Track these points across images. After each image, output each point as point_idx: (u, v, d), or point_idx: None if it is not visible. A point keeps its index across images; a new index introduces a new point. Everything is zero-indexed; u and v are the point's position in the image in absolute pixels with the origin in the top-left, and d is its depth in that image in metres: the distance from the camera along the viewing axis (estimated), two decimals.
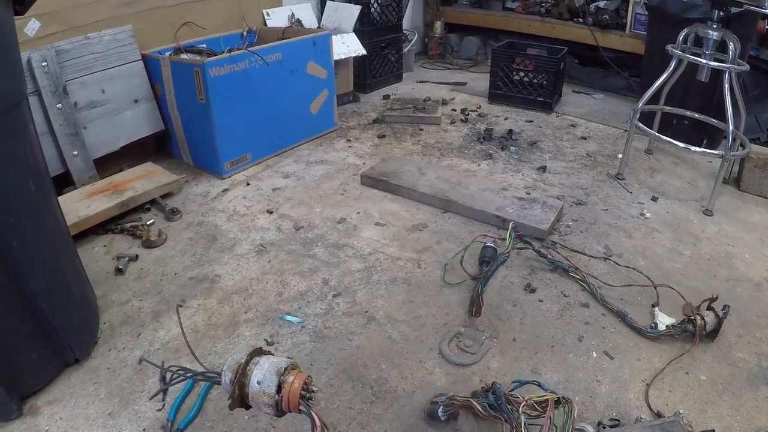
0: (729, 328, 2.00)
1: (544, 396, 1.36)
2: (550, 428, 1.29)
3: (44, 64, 2.74)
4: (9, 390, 1.67)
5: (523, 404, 1.35)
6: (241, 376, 1.00)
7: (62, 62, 2.84)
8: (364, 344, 1.99)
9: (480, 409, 1.47)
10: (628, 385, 1.79)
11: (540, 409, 1.35)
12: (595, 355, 1.92)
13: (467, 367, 1.87)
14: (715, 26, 2.71)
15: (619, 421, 1.64)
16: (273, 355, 1.13)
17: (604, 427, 1.58)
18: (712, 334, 1.94)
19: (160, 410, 1.73)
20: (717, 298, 2.02)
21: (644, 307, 2.15)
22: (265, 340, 2.01)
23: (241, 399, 1.05)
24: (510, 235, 2.16)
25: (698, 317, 1.92)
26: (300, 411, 0.94)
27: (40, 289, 1.68)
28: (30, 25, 2.75)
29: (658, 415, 1.67)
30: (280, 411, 0.98)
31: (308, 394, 0.99)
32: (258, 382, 0.94)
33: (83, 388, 1.83)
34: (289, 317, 2.12)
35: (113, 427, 1.68)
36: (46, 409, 1.75)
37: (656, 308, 2.10)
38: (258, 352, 1.11)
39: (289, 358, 1.13)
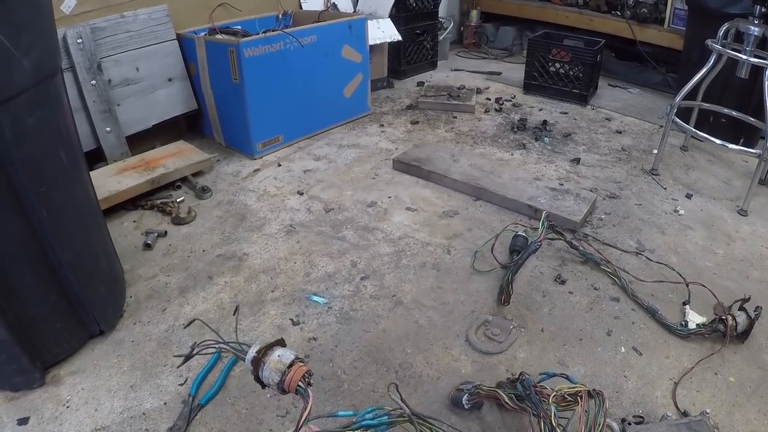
0: (760, 331, 1.96)
1: (575, 388, 1.34)
2: (587, 422, 1.27)
3: (79, 41, 2.76)
4: (32, 359, 1.69)
5: (552, 395, 1.33)
6: (267, 348, 1.09)
7: (97, 40, 2.86)
8: (390, 328, 1.99)
9: (507, 400, 1.45)
10: (655, 383, 1.77)
11: (570, 399, 1.33)
12: (623, 350, 1.89)
13: (493, 355, 1.86)
14: (756, 22, 2.65)
15: (643, 418, 1.61)
16: None
17: (629, 424, 1.56)
18: (743, 336, 1.90)
19: (182, 385, 1.75)
20: (749, 298, 1.98)
21: (675, 304, 2.11)
22: (290, 319, 2.02)
23: (258, 368, 1.14)
24: (543, 224, 2.13)
25: (729, 317, 1.89)
26: (298, 387, 1.02)
27: (68, 259, 1.70)
28: (66, 3, 2.77)
29: (685, 414, 1.64)
30: (283, 384, 1.08)
31: (308, 379, 1.09)
32: (278, 355, 1.03)
33: (106, 360, 1.85)
34: (315, 298, 2.12)
35: (134, 400, 1.70)
36: (68, 379, 1.77)
37: (687, 306, 2.07)
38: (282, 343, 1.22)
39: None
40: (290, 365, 1.13)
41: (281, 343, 1.16)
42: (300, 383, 1.07)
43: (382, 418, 0.91)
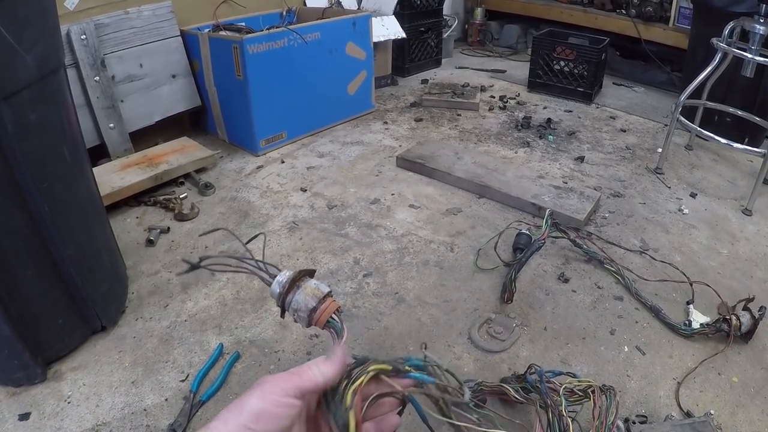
0: (764, 331, 1.94)
1: (585, 382, 1.34)
2: (599, 416, 1.27)
3: (83, 37, 2.75)
4: (34, 354, 1.68)
5: (563, 387, 1.33)
6: (300, 274, 1.03)
7: (101, 36, 2.85)
8: (392, 325, 1.98)
9: (514, 394, 1.44)
10: (658, 382, 1.76)
11: (580, 394, 1.33)
12: (626, 349, 1.89)
13: (496, 353, 1.85)
14: (762, 20, 2.64)
15: (646, 418, 1.61)
16: None
17: (633, 423, 1.56)
18: (747, 336, 1.89)
19: (183, 381, 1.75)
20: (753, 298, 1.97)
21: (679, 303, 2.10)
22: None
23: (291, 290, 1.07)
24: (546, 222, 2.13)
25: (733, 317, 1.87)
26: (329, 320, 0.96)
27: (70, 255, 1.69)
28: None
29: (688, 414, 1.63)
30: (315, 311, 1.01)
31: (339, 314, 1.04)
32: (315, 283, 0.98)
33: (108, 356, 1.85)
34: None
35: (136, 396, 1.70)
36: (70, 375, 1.77)
37: (691, 306, 2.05)
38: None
39: None
40: (325, 296, 1.07)
41: (312, 273, 1.10)
42: (334, 315, 0.99)
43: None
